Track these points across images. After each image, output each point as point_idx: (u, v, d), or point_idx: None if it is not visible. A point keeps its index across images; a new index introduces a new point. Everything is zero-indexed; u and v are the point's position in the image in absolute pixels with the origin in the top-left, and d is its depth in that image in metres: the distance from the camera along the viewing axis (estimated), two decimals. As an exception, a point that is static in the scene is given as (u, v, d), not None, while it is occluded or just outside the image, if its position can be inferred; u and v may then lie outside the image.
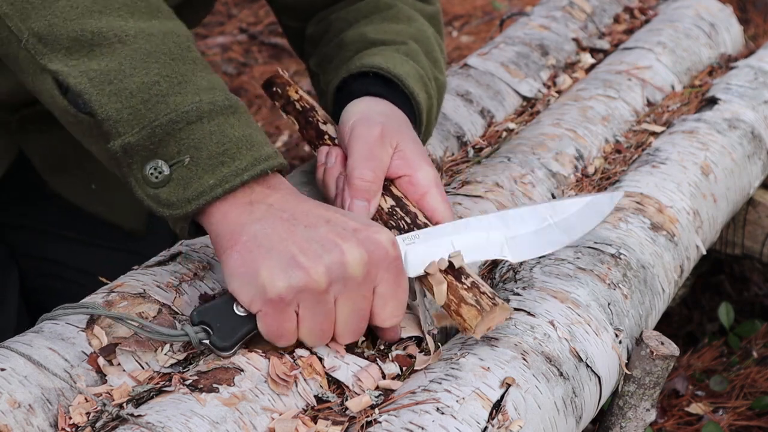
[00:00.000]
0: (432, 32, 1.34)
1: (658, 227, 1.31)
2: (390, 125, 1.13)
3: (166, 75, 0.94)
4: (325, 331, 0.96)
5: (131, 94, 0.92)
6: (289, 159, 2.72)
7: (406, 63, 1.22)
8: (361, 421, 0.92)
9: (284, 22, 1.46)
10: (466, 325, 0.98)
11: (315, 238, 0.93)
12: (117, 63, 0.93)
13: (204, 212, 0.95)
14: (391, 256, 0.95)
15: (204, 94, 0.95)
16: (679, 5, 1.96)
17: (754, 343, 1.92)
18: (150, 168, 0.94)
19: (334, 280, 0.92)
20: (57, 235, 1.54)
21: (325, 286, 0.92)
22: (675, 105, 1.66)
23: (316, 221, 0.94)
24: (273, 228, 0.93)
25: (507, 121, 1.59)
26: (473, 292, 0.99)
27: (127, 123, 0.92)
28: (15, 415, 0.87)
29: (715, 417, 1.73)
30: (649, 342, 1.14)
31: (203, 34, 3.38)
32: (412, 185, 1.11)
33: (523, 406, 0.97)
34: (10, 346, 0.94)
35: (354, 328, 0.97)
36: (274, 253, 0.91)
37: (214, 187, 0.93)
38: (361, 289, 0.94)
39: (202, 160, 0.93)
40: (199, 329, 0.94)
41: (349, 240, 0.93)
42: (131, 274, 1.08)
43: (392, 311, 0.97)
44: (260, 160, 0.95)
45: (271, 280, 0.91)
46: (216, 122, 0.94)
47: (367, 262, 0.93)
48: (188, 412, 0.88)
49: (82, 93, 0.92)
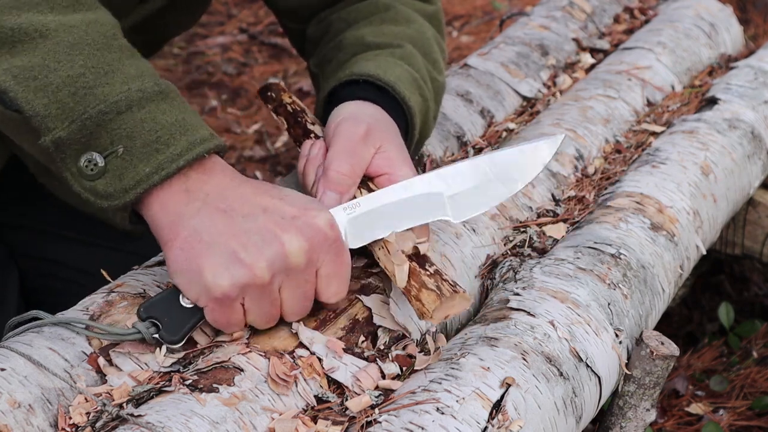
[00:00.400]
0: (432, 33, 1.34)
1: (658, 227, 1.31)
2: (377, 127, 1.13)
3: (92, 66, 0.93)
4: (273, 316, 0.98)
5: (57, 89, 0.92)
6: (289, 159, 2.73)
7: (398, 67, 1.21)
8: (361, 421, 0.92)
9: (285, 24, 1.46)
10: (424, 310, 0.98)
11: (254, 230, 0.93)
12: (40, 58, 0.92)
13: (142, 201, 0.95)
14: (331, 238, 0.96)
15: (132, 82, 0.94)
16: (679, 5, 1.96)
17: (754, 343, 1.92)
18: (84, 161, 0.93)
19: (276, 272, 0.93)
20: (56, 235, 1.54)
21: (269, 278, 0.93)
22: (675, 105, 1.66)
23: (253, 210, 0.95)
24: (212, 221, 0.93)
25: (507, 121, 1.59)
26: (435, 278, 0.99)
27: (55, 118, 0.92)
28: (15, 415, 0.87)
29: (715, 417, 1.73)
30: (649, 342, 1.14)
31: (203, 34, 3.38)
32: (390, 183, 1.11)
33: (523, 406, 0.97)
34: (10, 346, 0.94)
35: (300, 309, 0.99)
36: (215, 249, 0.92)
37: (151, 175, 0.93)
38: (303, 274, 0.95)
39: (136, 148, 0.93)
40: (149, 324, 0.95)
41: (287, 230, 0.94)
42: (131, 274, 1.08)
43: (336, 289, 0.99)
44: (195, 144, 0.95)
45: (215, 279, 0.92)
46: (147, 110, 0.94)
47: (308, 250, 0.94)
48: (188, 412, 0.88)
49: (7, 90, 0.91)
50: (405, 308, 1.06)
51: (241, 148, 2.77)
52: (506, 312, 1.09)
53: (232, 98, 3.04)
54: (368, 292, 1.07)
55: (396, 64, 1.22)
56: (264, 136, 2.84)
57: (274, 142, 2.82)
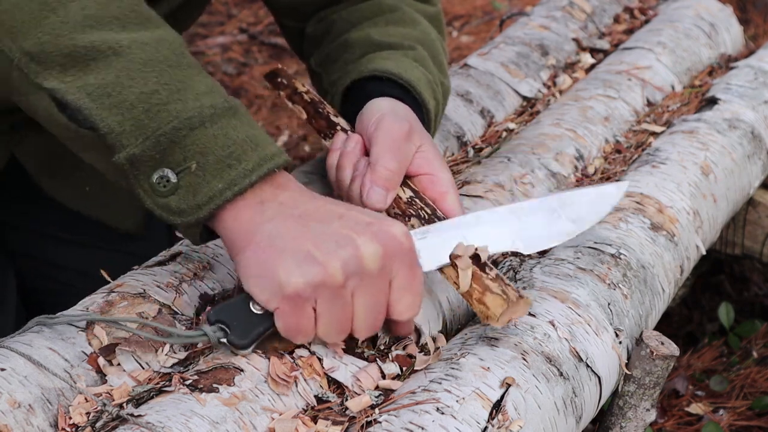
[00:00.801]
0: (435, 35, 1.34)
1: (658, 227, 1.31)
2: (417, 126, 1.14)
3: (165, 83, 0.94)
4: (343, 326, 0.95)
5: (132, 105, 0.92)
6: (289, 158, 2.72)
7: (416, 69, 1.22)
8: (361, 421, 0.92)
9: (283, 22, 1.46)
10: (490, 313, 0.98)
11: (328, 234, 0.93)
12: (114, 75, 0.92)
13: (215, 216, 0.95)
14: (406, 248, 0.95)
15: (204, 99, 0.95)
16: (679, 5, 1.96)
17: (754, 343, 1.92)
18: (157, 177, 0.93)
19: (350, 274, 0.92)
20: (56, 237, 1.54)
21: (342, 280, 0.92)
22: (675, 105, 1.66)
23: (328, 217, 0.94)
24: (286, 226, 0.93)
25: (507, 121, 1.59)
26: (498, 282, 0.99)
27: (130, 134, 0.92)
28: (15, 415, 0.87)
29: (715, 417, 1.73)
30: (649, 342, 1.14)
31: (203, 34, 3.38)
32: (432, 184, 1.12)
33: (523, 406, 0.97)
34: (10, 346, 0.94)
35: (371, 322, 0.96)
36: (289, 251, 0.91)
37: (224, 191, 0.93)
38: (377, 282, 0.94)
39: (209, 164, 0.93)
40: (216, 328, 0.94)
41: (363, 234, 0.93)
42: (131, 274, 1.08)
43: (409, 304, 0.97)
44: (266, 159, 0.95)
45: (288, 277, 0.91)
46: (219, 125, 0.94)
47: (382, 255, 0.93)
48: (188, 412, 0.88)
49: (82, 108, 0.92)
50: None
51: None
52: (506, 312, 1.09)
53: (232, 98, 3.04)
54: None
55: (413, 65, 1.22)
56: (264, 136, 2.83)
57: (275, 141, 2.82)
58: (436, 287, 1.13)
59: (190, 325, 1.03)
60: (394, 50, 1.25)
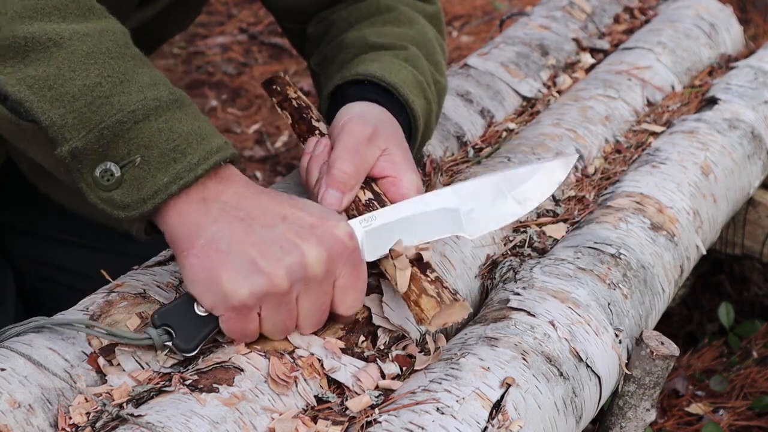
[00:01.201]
0: (433, 33, 1.34)
1: (658, 227, 1.31)
2: (383, 129, 1.13)
3: (107, 75, 0.92)
4: (288, 326, 0.97)
5: (74, 98, 0.91)
6: (289, 159, 2.73)
7: (403, 69, 1.21)
8: (361, 421, 0.92)
9: (284, 25, 1.46)
10: (423, 316, 0.98)
11: (273, 239, 0.93)
12: (55, 67, 0.91)
13: (159, 212, 0.94)
14: (349, 249, 0.96)
15: (148, 91, 0.93)
16: (679, 5, 1.96)
17: (754, 343, 1.92)
18: (100, 171, 0.92)
19: (295, 281, 0.93)
20: (55, 239, 1.53)
21: (287, 288, 0.92)
22: (675, 105, 1.66)
23: (272, 219, 0.94)
24: (230, 229, 0.93)
25: (507, 121, 1.59)
26: (436, 285, 0.99)
27: (72, 128, 0.91)
28: (15, 415, 0.87)
29: (715, 417, 1.73)
30: (649, 342, 1.14)
31: (203, 34, 3.38)
32: (394, 186, 1.11)
33: (523, 406, 0.97)
34: (10, 346, 0.94)
35: (315, 320, 0.98)
36: (234, 258, 0.91)
37: (169, 185, 0.92)
38: (321, 285, 0.95)
39: (153, 158, 0.92)
40: (161, 332, 0.94)
41: (307, 240, 0.93)
42: (131, 274, 1.08)
43: (353, 301, 0.99)
44: (212, 153, 0.94)
45: (233, 288, 0.91)
46: (163, 118, 0.93)
47: (326, 260, 0.94)
48: (188, 412, 0.88)
49: (23, 101, 0.90)
50: (400, 310, 1.06)
51: (241, 148, 2.77)
52: (506, 312, 1.09)
53: (232, 98, 3.04)
54: (368, 292, 1.07)
55: (401, 66, 1.22)
56: (264, 136, 2.84)
57: (274, 142, 2.82)
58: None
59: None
60: (386, 51, 1.24)
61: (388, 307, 1.06)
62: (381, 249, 1.02)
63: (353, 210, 1.08)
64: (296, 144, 2.80)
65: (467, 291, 1.18)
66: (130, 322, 0.99)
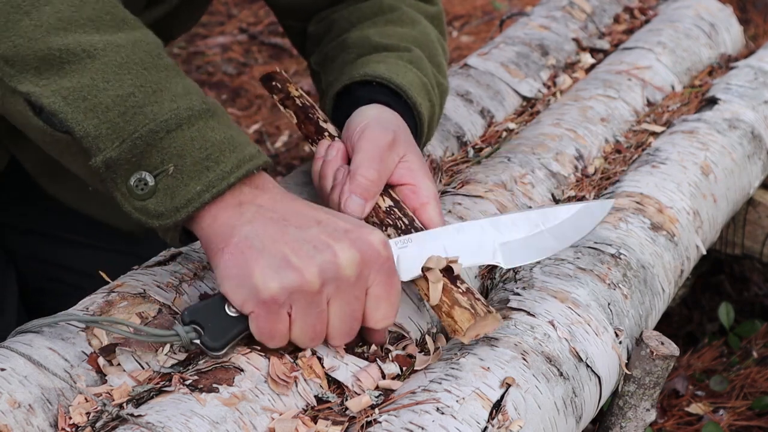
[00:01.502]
0: (435, 35, 1.34)
1: (658, 227, 1.31)
2: (401, 136, 1.13)
3: (140, 85, 0.93)
4: (318, 333, 0.96)
5: (107, 108, 0.91)
6: (289, 159, 2.73)
7: (409, 72, 1.21)
8: (361, 421, 0.92)
9: (285, 23, 1.46)
10: (457, 327, 0.98)
11: (306, 239, 0.93)
12: (89, 78, 0.91)
13: (193, 218, 0.94)
14: (383, 257, 0.95)
15: (180, 100, 0.94)
16: (679, 5, 1.96)
17: (754, 343, 1.92)
18: (134, 180, 0.92)
19: (326, 280, 0.92)
20: (58, 238, 1.53)
21: (318, 286, 0.92)
22: (675, 105, 1.66)
23: (307, 222, 0.94)
24: (264, 229, 0.93)
25: (507, 121, 1.59)
26: (468, 296, 0.99)
27: (106, 138, 0.91)
28: (15, 415, 0.87)
29: (715, 417, 1.73)
30: (649, 342, 1.14)
31: (203, 34, 3.38)
32: (413, 194, 1.11)
33: (523, 406, 0.97)
34: (10, 346, 0.94)
35: (347, 329, 0.97)
36: (266, 254, 0.91)
37: (202, 193, 0.93)
38: (353, 290, 0.94)
39: (187, 167, 0.93)
40: (189, 329, 0.94)
41: (341, 240, 0.93)
42: (131, 274, 1.08)
43: (385, 313, 0.97)
44: (245, 161, 0.95)
45: (264, 282, 0.91)
46: (196, 127, 0.94)
47: (359, 263, 0.93)
48: (188, 412, 0.88)
49: (57, 112, 0.91)
50: (403, 309, 1.06)
51: (241, 148, 2.77)
52: (506, 312, 1.09)
53: (232, 98, 3.04)
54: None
55: (407, 68, 1.22)
56: (264, 136, 2.84)
57: (274, 142, 2.82)
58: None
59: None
60: (390, 52, 1.24)
61: None
62: (414, 271, 1.02)
63: (373, 216, 1.09)
64: (296, 144, 2.80)
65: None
66: (130, 322, 0.99)
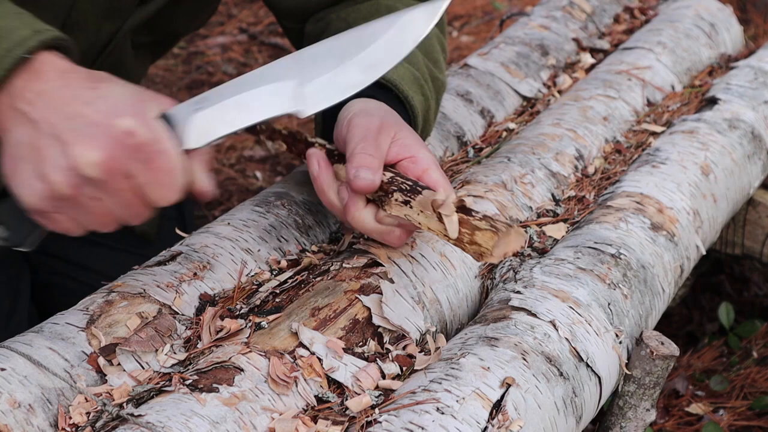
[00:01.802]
0: (434, 32, 1.33)
1: (658, 227, 1.31)
2: (388, 118, 1.12)
3: None
4: (102, 223, 0.95)
5: None
6: (289, 159, 2.73)
7: (400, 67, 1.21)
8: (361, 421, 0.92)
9: (284, 24, 1.46)
10: (483, 250, 0.96)
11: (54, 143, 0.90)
12: None
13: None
14: (132, 147, 0.92)
15: None
16: (679, 5, 1.96)
17: (754, 343, 1.92)
18: None
19: (76, 185, 0.91)
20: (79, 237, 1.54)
21: (70, 192, 0.91)
22: (675, 105, 1.66)
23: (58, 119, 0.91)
24: (23, 135, 0.91)
25: (507, 121, 1.59)
26: (486, 220, 0.97)
27: None
28: (15, 415, 0.87)
29: (715, 417, 1.73)
30: (649, 342, 1.14)
31: (203, 34, 3.38)
32: (413, 164, 1.09)
33: (523, 406, 0.97)
34: (10, 346, 0.94)
35: (128, 215, 0.96)
36: (24, 164, 0.91)
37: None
38: (113, 185, 0.92)
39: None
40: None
41: (82, 142, 0.91)
42: (131, 274, 1.08)
43: (161, 195, 0.95)
44: (10, 49, 0.90)
45: (24, 194, 0.91)
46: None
47: (105, 160, 0.91)
48: (188, 412, 0.88)
49: None
50: (400, 310, 1.07)
51: (241, 148, 2.77)
52: (506, 312, 1.09)
53: (232, 98, 3.04)
54: (368, 292, 1.07)
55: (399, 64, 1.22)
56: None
57: (274, 142, 2.82)
58: (435, 287, 1.13)
59: (190, 325, 1.03)
60: None
61: (388, 308, 1.06)
62: (212, 132, 0.98)
63: (378, 191, 1.07)
64: (296, 144, 2.80)
65: (467, 291, 1.18)
66: (130, 322, 0.99)
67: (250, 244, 1.16)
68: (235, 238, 1.16)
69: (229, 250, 1.14)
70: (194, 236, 1.18)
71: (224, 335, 1.00)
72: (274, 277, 1.14)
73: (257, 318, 1.04)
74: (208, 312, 1.03)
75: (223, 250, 1.14)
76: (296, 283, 1.11)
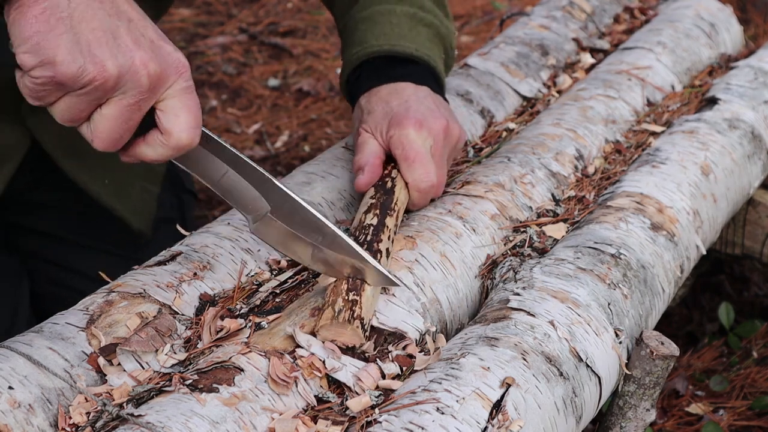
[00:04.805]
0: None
1: (658, 227, 1.31)
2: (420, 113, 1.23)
3: None
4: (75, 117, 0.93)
5: None
6: (289, 159, 2.73)
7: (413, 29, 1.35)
8: (362, 421, 0.92)
9: None
10: (320, 319, 1.01)
11: (114, 33, 0.90)
12: None
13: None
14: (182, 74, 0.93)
15: None
16: (679, 5, 1.96)
17: (754, 343, 1.92)
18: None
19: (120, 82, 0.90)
20: (68, 240, 1.54)
21: (113, 84, 0.89)
22: (675, 105, 1.66)
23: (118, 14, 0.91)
24: (77, 3, 0.89)
25: (507, 121, 1.59)
26: (347, 305, 1.01)
27: None
28: (15, 415, 0.87)
29: (715, 417, 1.73)
30: (649, 342, 1.14)
31: (203, 34, 3.38)
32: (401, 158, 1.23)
33: (523, 406, 0.97)
34: (10, 346, 0.94)
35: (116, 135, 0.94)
36: (72, 34, 0.88)
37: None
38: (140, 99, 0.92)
39: None
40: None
41: (144, 49, 0.91)
42: (131, 274, 1.08)
43: (186, 122, 0.95)
44: None
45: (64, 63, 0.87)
46: None
47: (156, 75, 0.91)
48: (188, 412, 0.88)
49: None
50: (393, 315, 1.07)
51: (241, 148, 2.77)
52: (506, 312, 1.09)
53: (232, 98, 3.04)
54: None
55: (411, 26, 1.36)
56: (264, 136, 2.84)
57: (274, 142, 2.82)
58: (435, 287, 1.13)
59: (190, 325, 1.03)
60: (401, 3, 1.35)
61: (383, 315, 1.06)
62: None
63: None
64: (296, 144, 2.80)
65: (467, 291, 1.18)
66: (130, 322, 0.99)
67: (250, 243, 1.16)
68: (235, 238, 1.16)
69: (229, 250, 1.14)
70: (194, 236, 1.18)
71: (224, 335, 1.00)
72: (274, 277, 1.14)
73: (257, 318, 1.04)
74: (209, 312, 1.03)
75: (223, 250, 1.14)
76: (296, 283, 1.11)
